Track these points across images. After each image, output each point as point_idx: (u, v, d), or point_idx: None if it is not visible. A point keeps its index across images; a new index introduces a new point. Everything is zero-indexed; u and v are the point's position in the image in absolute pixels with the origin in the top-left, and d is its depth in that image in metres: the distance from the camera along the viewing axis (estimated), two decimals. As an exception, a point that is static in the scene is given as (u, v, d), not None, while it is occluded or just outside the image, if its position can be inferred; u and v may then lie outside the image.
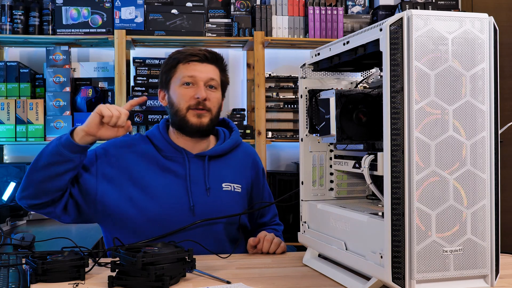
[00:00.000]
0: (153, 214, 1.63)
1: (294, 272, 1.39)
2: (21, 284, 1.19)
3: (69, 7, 3.22)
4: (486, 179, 1.11)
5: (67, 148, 1.55)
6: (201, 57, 1.69)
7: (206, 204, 1.66)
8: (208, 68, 1.70)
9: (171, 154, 1.70)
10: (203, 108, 1.66)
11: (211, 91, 1.69)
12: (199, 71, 1.68)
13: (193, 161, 1.70)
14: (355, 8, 3.56)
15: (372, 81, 1.44)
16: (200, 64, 1.69)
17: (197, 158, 1.71)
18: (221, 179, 1.71)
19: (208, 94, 1.67)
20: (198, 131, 1.68)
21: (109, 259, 1.37)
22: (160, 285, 1.21)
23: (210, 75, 1.69)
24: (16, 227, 2.24)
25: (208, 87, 1.68)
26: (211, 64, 1.70)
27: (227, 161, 1.76)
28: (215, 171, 1.72)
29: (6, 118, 3.15)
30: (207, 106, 1.67)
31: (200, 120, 1.67)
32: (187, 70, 1.67)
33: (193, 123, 1.66)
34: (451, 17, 1.10)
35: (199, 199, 1.66)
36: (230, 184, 1.72)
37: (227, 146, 1.75)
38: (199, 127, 1.67)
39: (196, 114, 1.66)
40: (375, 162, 1.21)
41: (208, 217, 1.65)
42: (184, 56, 1.69)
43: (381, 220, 1.12)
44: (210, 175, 1.70)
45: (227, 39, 3.34)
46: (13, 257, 1.40)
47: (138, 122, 3.25)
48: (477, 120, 1.11)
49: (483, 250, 1.11)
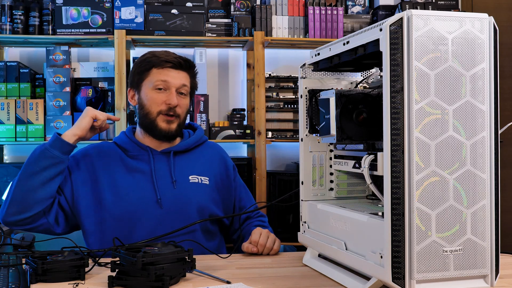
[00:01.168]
0: (120, 212, 1.66)
1: (294, 272, 1.39)
2: (21, 284, 1.19)
3: (69, 7, 3.22)
4: (486, 179, 1.11)
5: (58, 149, 1.62)
6: (175, 63, 1.74)
7: (173, 196, 1.70)
8: (181, 75, 1.75)
9: (136, 153, 1.76)
10: (173, 114, 1.72)
11: (182, 98, 1.75)
12: (172, 77, 1.73)
13: (158, 157, 1.75)
14: (355, 8, 3.56)
15: (372, 81, 1.44)
16: (174, 70, 1.74)
17: (162, 154, 1.76)
18: (188, 172, 1.75)
19: (179, 101, 1.73)
20: (166, 136, 1.75)
21: (109, 259, 1.37)
22: (160, 285, 1.21)
23: (183, 81, 1.75)
24: (16, 227, 2.23)
25: (179, 94, 1.74)
26: (183, 71, 1.76)
27: (193, 156, 1.80)
28: (181, 165, 1.76)
29: (6, 118, 3.15)
30: (177, 113, 1.73)
31: (169, 126, 1.73)
32: (161, 75, 1.72)
33: (162, 128, 1.73)
34: (451, 17, 1.10)
35: (165, 191, 1.70)
36: (197, 177, 1.75)
37: (191, 142, 1.80)
38: (168, 132, 1.73)
39: (165, 120, 1.72)
40: (375, 162, 1.21)
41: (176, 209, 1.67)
42: (159, 61, 1.73)
43: (381, 220, 1.12)
44: (176, 169, 1.74)
45: (227, 39, 3.34)
46: (13, 257, 1.40)
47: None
48: (477, 120, 1.11)
49: (483, 250, 1.11)
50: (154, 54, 1.77)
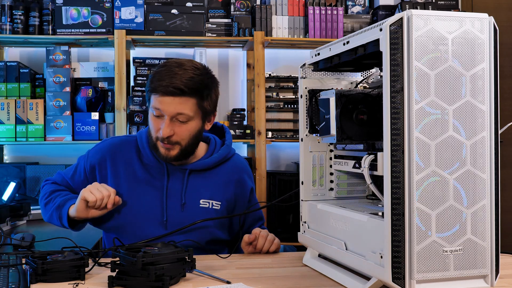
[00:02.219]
0: (123, 222, 1.66)
1: (294, 272, 1.39)
2: (21, 284, 1.19)
3: (69, 7, 3.22)
4: (486, 179, 1.11)
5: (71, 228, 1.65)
6: (176, 92, 1.55)
7: (179, 219, 1.64)
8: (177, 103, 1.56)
9: (151, 163, 1.69)
10: (168, 143, 1.60)
11: (180, 125, 1.59)
12: (167, 105, 1.56)
13: (173, 173, 1.68)
14: (355, 8, 3.56)
15: (372, 81, 1.44)
16: (172, 98, 1.55)
17: (178, 170, 1.69)
18: (199, 195, 1.68)
19: (176, 129, 1.58)
20: (167, 160, 1.65)
21: (109, 259, 1.37)
22: (160, 285, 1.21)
23: (177, 110, 1.56)
24: (16, 227, 2.24)
25: (178, 121, 1.58)
26: (186, 96, 1.56)
27: (209, 176, 1.72)
28: (194, 186, 1.69)
29: (6, 118, 3.15)
30: (173, 141, 1.60)
31: (168, 153, 1.62)
32: (156, 102, 1.58)
33: (161, 153, 1.63)
34: (451, 17, 1.10)
35: (173, 213, 1.65)
36: (208, 201, 1.69)
37: (211, 162, 1.71)
38: (167, 158, 1.63)
39: (165, 147, 1.61)
40: (375, 162, 1.21)
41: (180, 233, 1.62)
42: (156, 85, 1.57)
43: (381, 220, 1.12)
44: (188, 190, 1.68)
45: (227, 39, 3.34)
46: (13, 257, 1.40)
47: (138, 122, 3.25)
48: (477, 120, 1.11)
49: (483, 250, 1.11)
50: (155, 75, 1.60)
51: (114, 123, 3.23)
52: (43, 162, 3.42)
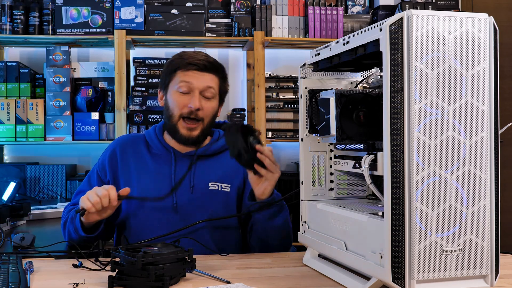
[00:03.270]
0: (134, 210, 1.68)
1: (294, 272, 1.39)
2: (21, 284, 1.19)
3: (69, 7, 3.22)
4: (486, 179, 1.11)
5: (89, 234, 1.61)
6: (200, 66, 1.69)
7: (189, 202, 1.68)
8: (206, 77, 1.70)
9: (159, 152, 1.74)
10: (195, 117, 1.67)
11: (206, 101, 1.70)
12: (196, 78, 1.68)
13: (180, 160, 1.73)
14: (355, 8, 3.56)
15: (372, 81, 1.44)
16: (198, 72, 1.69)
17: (185, 157, 1.74)
18: (208, 178, 1.72)
19: (203, 104, 1.68)
20: (187, 141, 1.71)
21: (109, 259, 1.37)
22: (160, 285, 1.21)
23: (207, 83, 1.69)
24: (16, 227, 2.23)
25: (204, 97, 1.69)
26: (209, 73, 1.70)
27: (217, 161, 1.76)
28: (202, 170, 1.73)
29: (6, 118, 3.15)
30: (200, 116, 1.68)
31: (190, 133, 1.70)
32: (185, 77, 1.68)
33: (183, 134, 1.70)
34: (451, 17, 1.10)
35: (182, 197, 1.68)
36: (217, 184, 1.72)
37: (217, 147, 1.76)
38: (188, 138, 1.70)
39: (187, 127, 1.68)
40: (375, 162, 1.21)
41: (190, 215, 1.65)
42: (184, 64, 1.69)
43: (381, 220, 1.12)
44: (197, 174, 1.72)
45: (227, 39, 3.34)
46: (13, 257, 1.40)
47: (138, 122, 3.25)
48: (477, 120, 1.11)
49: (483, 250, 1.11)
50: (180, 56, 1.73)
51: (114, 123, 3.23)
52: (43, 162, 3.42)
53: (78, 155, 3.50)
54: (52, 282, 1.28)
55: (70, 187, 3.18)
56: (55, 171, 3.19)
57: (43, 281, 1.28)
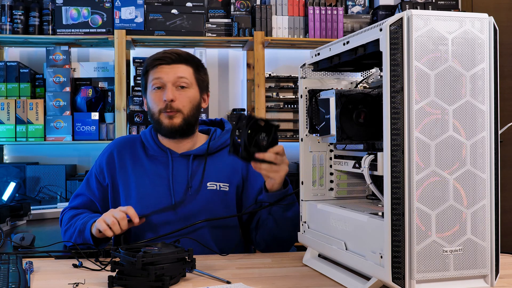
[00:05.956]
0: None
1: (294, 272, 1.39)
2: (21, 284, 1.19)
3: (69, 7, 3.22)
4: (486, 179, 1.11)
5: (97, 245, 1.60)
6: (167, 59, 1.70)
7: (187, 202, 1.68)
8: (176, 69, 1.70)
9: (156, 153, 1.75)
10: (171, 110, 1.68)
11: (181, 91, 1.70)
12: (165, 72, 1.69)
13: (177, 160, 1.73)
14: (355, 8, 3.56)
15: (372, 81, 1.44)
16: (168, 66, 1.70)
17: (182, 157, 1.74)
18: (206, 178, 1.72)
19: (176, 95, 1.69)
20: (172, 131, 1.71)
21: (109, 259, 1.37)
22: (160, 285, 1.21)
23: (177, 74, 1.70)
24: (16, 227, 2.23)
25: (179, 87, 1.70)
26: (180, 64, 1.71)
27: (214, 160, 1.76)
28: (200, 170, 1.72)
29: (6, 118, 3.15)
30: (175, 107, 1.69)
31: (171, 121, 1.70)
32: (155, 74, 1.71)
33: (165, 125, 1.70)
34: (451, 17, 1.10)
35: (181, 197, 1.69)
36: (215, 183, 1.72)
37: (213, 146, 1.76)
38: (171, 128, 1.70)
39: (167, 116, 1.70)
40: (375, 162, 1.21)
41: (190, 215, 1.66)
42: (151, 61, 1.72)
43: (381, 220, 1.12)
44: (193, 174, 1.72)
45: (227, 39, 3.34)
46: (13, 257, 1.40)
47: (138, 122, 3.25)
48: (477, 120, 1.11)
49: (483, 250, 1.11)
50: (150, 57, 1.75)
51: (114, 123, 3.23)
52: (43, 162, 3.42)
53: (78, 155, 3.51)
54: (52, 282, 1.28)
55: (70, 187, 3.18)
56: (55, 171, 3.19)
57: (43, 281, 1.29)
